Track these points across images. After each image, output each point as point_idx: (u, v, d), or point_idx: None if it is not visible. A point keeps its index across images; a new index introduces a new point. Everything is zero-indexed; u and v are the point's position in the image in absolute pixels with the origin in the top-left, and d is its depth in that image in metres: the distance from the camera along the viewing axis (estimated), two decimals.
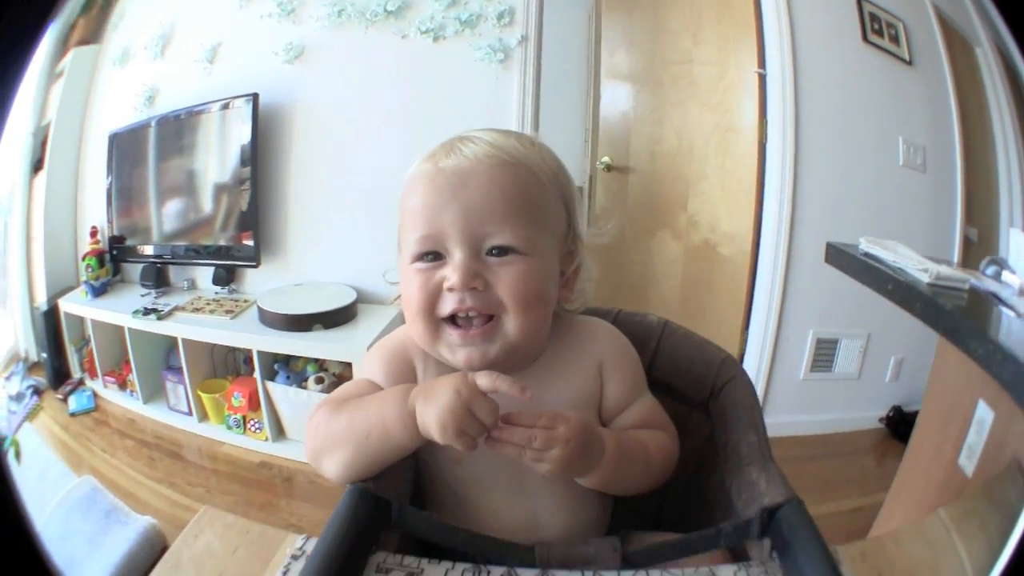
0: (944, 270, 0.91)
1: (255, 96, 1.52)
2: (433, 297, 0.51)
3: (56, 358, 1.63)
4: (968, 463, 0.78)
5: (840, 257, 1.10)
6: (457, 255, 0.50)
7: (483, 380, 0.47)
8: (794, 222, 1.42)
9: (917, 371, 1.28)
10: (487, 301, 0.50)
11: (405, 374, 0.55)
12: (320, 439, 0.51)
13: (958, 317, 0.84)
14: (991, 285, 0.92)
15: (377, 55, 1.49)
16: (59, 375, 1.63)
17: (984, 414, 0.78)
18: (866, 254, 1.01)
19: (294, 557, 0.45)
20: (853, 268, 1.06)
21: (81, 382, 1.65)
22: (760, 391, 1.52)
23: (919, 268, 0.90)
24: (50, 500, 1.07)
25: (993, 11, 0.46)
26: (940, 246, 1.28)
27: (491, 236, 0.51)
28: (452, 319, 0.51)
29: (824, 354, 1.52)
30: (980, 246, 1.25)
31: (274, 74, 1.55)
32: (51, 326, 1.61)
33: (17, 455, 0.96)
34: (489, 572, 0.43)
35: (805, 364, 1.52)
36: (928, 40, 1.46)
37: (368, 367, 0.56)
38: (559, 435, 0.47)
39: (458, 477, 0.54)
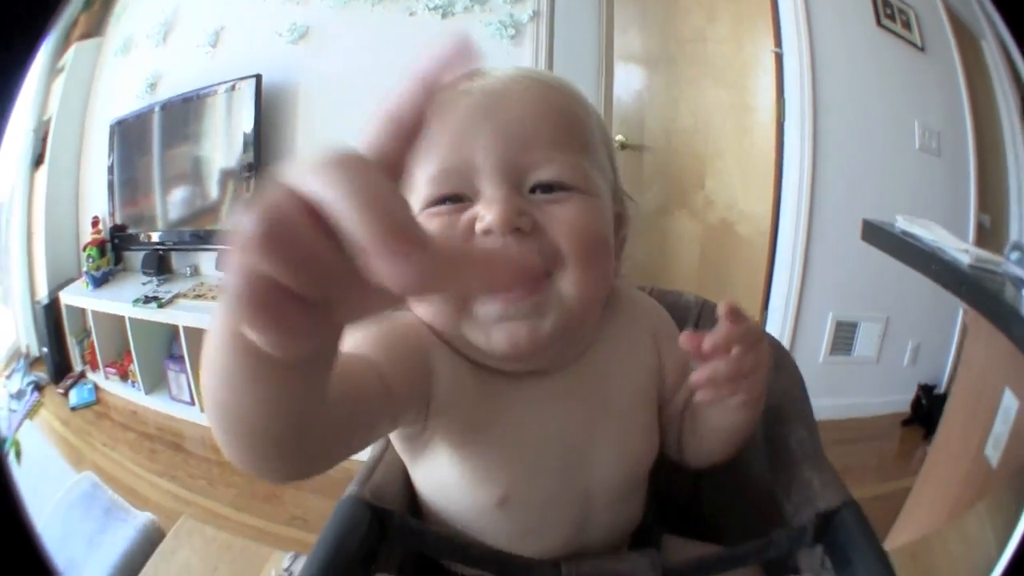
0: (982, 253, 0.88)
1: (258, 77, 1.45)
2: None
3: (57, 352, 1.52)
4: (994, 453, 0.76)
5: (878, 235, 1.04)
6: (491, 191, 0.36)
7: None
8: (814, 202, 1.37)
9: (933, 357, 1.25)
10: (538, 249, 0.36)
11: (414, 364, 0.39)
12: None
13: (1003, 301, 0.80)
14: (1016, 270, 0.87)
15: (384, 33, 1.43)
16: (60, 369, 1.53)
17: (1009, 403, 0.75)
18: (905, 232, 0.94)
19: None
20: (892, 247, 1.01)
21: (83, 375, 1.55)
22: None
23: (959, 249, 0.86)
24: (51, 498, 1.03)
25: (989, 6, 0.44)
26: (957, 232, 1.21)
27: (536, 167, 0.37)
28: None
29: (844, 337, 1.44)
30: (993, 233, 1.20)
31: (278, 55, 1.48)
32: (52, 319, 1.51)
33: (18, 455, 0.93)
34: None
35: (825, 347, 1.44)
36: (938, 29, 1.42)
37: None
38: (755, 329, 0.35)
39: (501, 526, 0.41)
